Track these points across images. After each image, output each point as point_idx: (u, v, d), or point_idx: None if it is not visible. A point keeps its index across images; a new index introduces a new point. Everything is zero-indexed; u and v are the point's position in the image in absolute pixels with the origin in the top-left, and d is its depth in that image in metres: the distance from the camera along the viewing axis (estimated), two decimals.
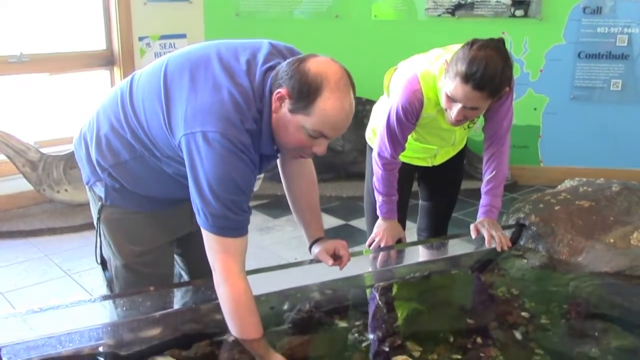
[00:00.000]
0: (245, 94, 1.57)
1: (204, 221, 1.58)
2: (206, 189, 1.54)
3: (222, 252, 1.59)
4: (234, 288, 1.59)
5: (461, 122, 2.06)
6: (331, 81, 1.51)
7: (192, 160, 1.55)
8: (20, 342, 1.64)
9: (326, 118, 1.53)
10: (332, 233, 3.97)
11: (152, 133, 1.67)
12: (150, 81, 1.68)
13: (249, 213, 1.63)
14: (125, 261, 1.89)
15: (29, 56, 4.21)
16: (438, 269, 2.27)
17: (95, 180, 1.84)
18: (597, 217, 2.24)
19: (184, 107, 1.57)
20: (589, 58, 4.81)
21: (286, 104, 1.54)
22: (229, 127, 1.52)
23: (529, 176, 5.00)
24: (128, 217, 1.86)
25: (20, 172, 4.10)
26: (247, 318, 1.61)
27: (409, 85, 2.14)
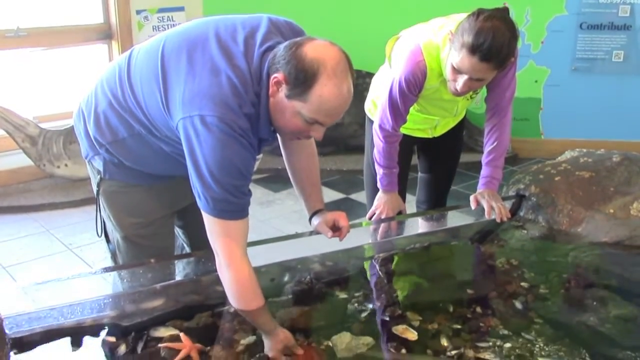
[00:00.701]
0: (243, 77, 1.55)
1: (204, 205, 1.58)
2: (206, 173, 1.53)
3: (224, 235, 1.59)
4: (239, 272, 1.59)
5: (465, 93, 2.05)
6: (328, 67, 1.48)
7: (191, 144, 1.54)
8: (23, 313, 1.65)
9: (322, 105, 1.50)
10: (333, 206, 3.95)
11: (151, 113, 1.66)
12: (148, 61, 1.66)
13: (249, 196, 1.62)
14: (125, 233, 1.89)
15: (26, 30, 4.17)
16: (438, 240, 2.27)
17: (93, 155, 1.84)
18: (597, 188, 2.24)
19: (181, 90, 1.56)
20: (591, 29, 4.76)
21: (283, 89, 1.52)
22: (227, 112, 1.51)
23: (529, 149, 4.98)
24: (127, 190, 1.86)
25: (19, 147, 4.09)
26: (253, 301, 1.60)
27: (411, 57, 2.11)
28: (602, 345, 1.65)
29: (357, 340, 1.63)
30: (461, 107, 2.34)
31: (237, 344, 1.62)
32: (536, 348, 1.63)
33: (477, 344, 1.64)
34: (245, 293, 1.60)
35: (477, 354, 1.60)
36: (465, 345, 1.63)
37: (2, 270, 3.26)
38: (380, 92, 2.33)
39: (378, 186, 2.38)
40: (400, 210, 2.40)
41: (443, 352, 1.61)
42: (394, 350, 1.63)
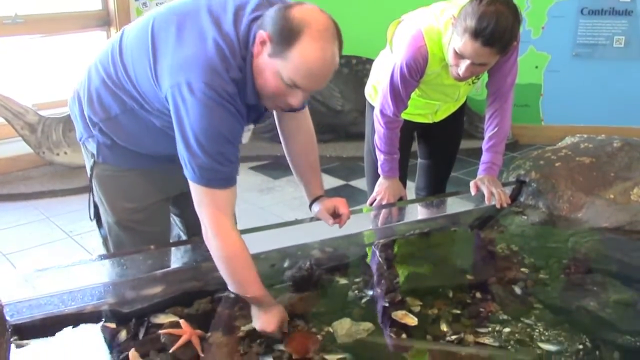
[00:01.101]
0: (231, 42, 1.53)
1: (191, 174, 1.57)
2: (193, 141, 1.52)
3: (211, 204, 1.57)
4: (228, 243, 1.58)
5: (467, 78, 2.04)
6: (313, 28, 1.46)
7: (178, 112, 1.53)
8: (23, 300, 1.65)
9: (302, 65, 1.47)
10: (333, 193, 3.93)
11: (141, 86, 1.65)
12: (139, 35, 1.66)
13: (237, 164, 1.60)
14: (118, 218, 1.89)
15: (23, 17, 4.16)
16: (438, 226, 2.27)
17: (87, 137, 1.84)
18: (598, 173, 2.23)
19: (169, 58, 1.55)
20: (592, 14, 4.74)
21: (267, 47, 1.50)
22: (214, 77, 1.50)
23: (529, 135, 4.98)
24: (120, 175, 1.86)
25: (19, 135, 4.09)
26: (246, 272, 1.60)
27: (413, 42, 2.10)
28: (602, 330, 1.65)
29: (357, 326, 1.63)
30: (463, 92, 2.33)
31: (237, 330, 1.62)
32: (536, 333, 1.63)
33: (476, 329, 1.65)
34: (236, 261, 1.59)
35: (477, 339, 1.61)
36: (465, 331, 1.63)
37: (2, 257, 3.27)
38: (381, 77, 2.32)
39: (379, 172, 2.38)
40: (401, 196, 2.40)
41: (443, 337, 1.61)
42: (394, 335, 1.63)
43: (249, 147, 4.84)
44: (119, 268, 1.83)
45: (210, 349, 1.55)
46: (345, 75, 4.82)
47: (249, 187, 4.22)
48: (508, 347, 1.58)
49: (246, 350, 1.55)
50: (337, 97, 4.81)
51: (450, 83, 2.18)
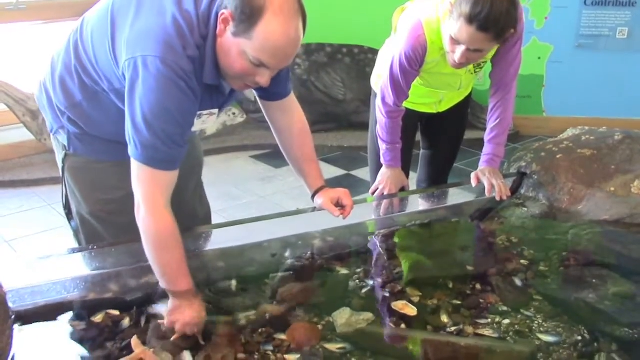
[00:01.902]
0: (190, 19, 1.50)
1: (133, 150, 1.53)
2: (139, 115, 1.49)
3: (149, 183, 1.53)
4: (161, 221, 1.53)
5: (464, 64, 2.04)
6: (275, 3, 1.43)
7: (131, 85, 1.50)
8: (26, 287, 1.66)
9: (267, 43, 1.45)
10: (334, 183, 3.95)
11: (100, 66, 1.63)
12: (99, 16, 1.64)
13: (183, 147, 1.57)
14: (91, 209, 1.86)
15: (25, 3, 4.15)
16: (438, 217, 2.28)
17: (58, 128, 1.81)
18: (599, 166, 2.23)
19: (127, 32, 1.53)
20: (596, 5, 4.72)
21: (230, 26, 1.47)
22: (169, 52, 1.46)
23: (531, 126, 4.97)
24: (92, 167, 1.83)
25: (20, 121, 4.09)
26: (175, 249, 1.56)
27: (412, 32, 2.11)
28: (600, 322, 1.66)
29: (357, 316, 1.64)
30: (465, 82, 2.32)
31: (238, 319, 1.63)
32: (535, 325, 1.64)
33: (476, 320, 1.66)
34: (165, 242, 1.54)
35: (477, 330, 1.62)
36: (464, 322, 1.64)
37: (4, 243, 3.28)
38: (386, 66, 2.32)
39: (381, 161, 2.38)
40: (403, 186, 2.41)
41: (443, 328, 1.62)
42: (394, 325, 1.64)
43: (249, 136, 4.84)
44: (121, 256, 1.84)
45: (212, 338, 1.56)
46: (348, 65, 4.82)
47: (249, 176, 4.23)
48: (507, 338, 1.59)
49: (247, 339, 1.56)
50: (339, 86, 4.80)
51: (450, 72, 2.17)
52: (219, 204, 3.72)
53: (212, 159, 4.45)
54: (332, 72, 4.83)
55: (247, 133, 4.89)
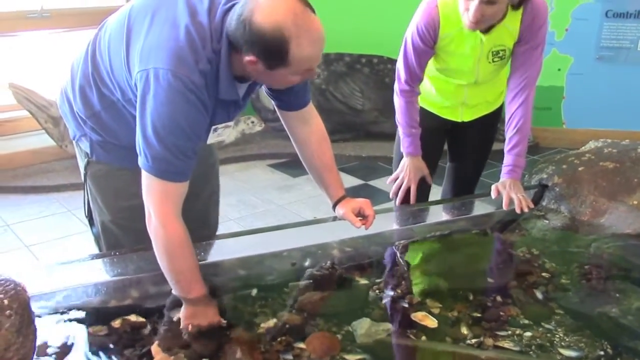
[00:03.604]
0: (203, 32, 1.52)
1: (144, 162, 1.56)
2: (150, 129, 1.51)
3: (160, 194, 1.56)
4: (172, 230, 1.57)
5: (479, 24, 2.02)
6: (290, 26, 1.43)
7: (142, 97, 1.52)
8: (49, 292, 1.68)
9: (305, 59, 1.50)
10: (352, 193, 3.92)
11: (115, 75, 1.65)
12: (117, 27, 1.66)
13: (193, 159, 1.59)
14: (113, 217, 1.88)
15: (49, 11, 4.21)
16: (459, 228, 2.27)
17: (80, 135, 1.84)
18: (621, 179, 2.22)
19: (140, 44, 1.55)
20: (617, 17, 4.69)
21: (260, 66, 1.51)
22: (181, 65, 1.48)
23: (551, 138, 4.94)
24: (114, 174, 1.85)
25: (42, 127, 4.14)
26: (187, 258, 1.60)
27: (426, 5, 2.16)
28: (623, 337, 1.64)
29: (377, 326, 1.64)
30: (483, 72, 2.26)
31: (258, 327, 1.63)
32: (556, 338, 1.62)
33: (496, 332, 1.64)
34: (178, 251, 1.58)
35: (497, 343, 1.60)
36: (485, 334, 1.63)
37: (24, 248, 3.32)
38: None
39: (402, 151, 2.40)
40: (424, 174, 2.41)
41: (462, 340, 1.61)
42: (414, 337, 1.63)
43: (267, 144, 4.86)
44: (142, 263, 1.85)
45: (231, 345, 1.56)
46: (367, 75, 4.82)
47: (267, 184, 4.24)
48: (529, 351, 1.58)
49: (267, 348, 1.56)
50: (358, 96, 4.81)
51: (466, 53, 2.18)
52: (237, 212, 3.74)
53: (230, 167, 4.48)
54: (350, 81, 4.84)
55: (265, 142, 4.91)
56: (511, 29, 2.14)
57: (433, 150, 2.46)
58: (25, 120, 4.19)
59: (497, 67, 2.27)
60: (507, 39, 2.16)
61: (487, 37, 2.13)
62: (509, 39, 2.16)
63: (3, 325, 1.29)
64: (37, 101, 4.07)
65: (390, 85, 2.55)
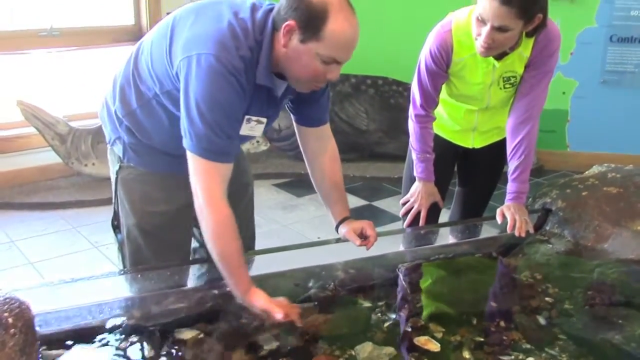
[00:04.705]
0: (245, 25, 1.63)
1: (189, 142, 1.63)
2: (193, 107, 1.60)
3: (206, 175, 1.63)
4: (218, 212, 1.63)
5: (491, 50, 2.03)
6: (335, 3, 1.56)
7: (186, 82, 1.62)
8: (52, 311, 1.68)
9: (338, 39, 1.57)
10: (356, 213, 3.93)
11: (154, 66, 1.74)
12: (160, 30, 1.77)
13: (235, 140, 1.68)
14: (138, 221, 1.92)
15: (59, 30, 4.26)
16: (462, 252, 2.27)
17: (115, 138, 1.91)
18: (625, 204, 2.22)
19: (184, 36, 1.65)
20: (621, 42, 4.72)
21: (296, 35, 1.59)
22: (222, 50, 1.58)
23: (555, 161, 4.95)
24: (143, 178, 1.91)
25: (49, 144, 4.17)
26: (231, 242, 1.65)
27: (440, 29, 2.17)
28: None
29: (380, 350, 1.64)
30: (494, 97, 2.27)
31: (260, 349, 1.63)
32: None
33: (499, 357, 1.63)
34: (225, 233, 1.64)
35: None
36: (487, 358, 1.62)
37: (29, 265, 3.33)
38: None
39: (414, 174, 2.40)
40: (436, 200, 2.42)
41: None
42: None
43: (272, 164, 4.88)
44: (146, 282, 1.86)
45: None
46: (372, 96, 4.85)
47: (272, 204, 4.25)
48: None
49: None
50: (363, 117, 4.83)
51: (478, 81, 2.19)
52: None
53: None
54: (356, 102, 4.86)
55: (270, 161, 4.92)
56: (524, 55, 2.15)
57: (444, 175, 2.46)
58: (33, 137, 4.21)
59: (508, 93, 2.27)
60: (518, 66, 2.17)
61: (500, 63, 2.14)
62: (520, 66, 2.17)
63: (7, 344, 1.30)
64: (44, 118, 4.10)
65: (395, 106, 2.58)
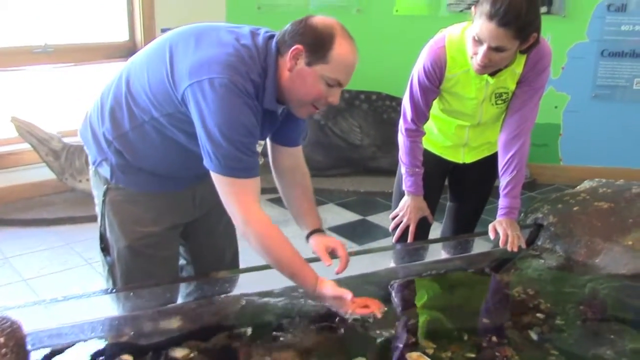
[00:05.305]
0: (250, 52, 1.66)
1: (216, 165, 1.65)
2: (216, 131, 1.60)
3: (238, 193, 1.66)
4: (261, 226, 1.68)
5: (487, 68, 2.05)
6: (339, 30, 1.65)
7: (199, 107, 1.62)
8: (44, 329, 1.68)
9: (343, 62, 1.65)
10: (349, 228, 3.98)
11: (153, 90, 1.72)
12: (155, 51, 1.76)
13: (258, 155, 1.71)
14: (129, 242, 1.91)
15: (53, 47, 4.27)
16: (454, 267, 2.27)
17: (101, 160, 1.88)
18: (616, 219, 2.23)
19: (189, 60, 1.65)
20: (612, 56, 4.76)
21: (302, 58, 1.64)
22: (235, 74, 1.61)
23: (548, 175, 4.97)
24: (133, 198, 1.89)
25: (43, 160, 4.17)
26: (283, 248, 1.71)
27: (434, 45, 2.19)
28: None
29: None
30: (486, 114, 2.29)
31: None
32: None
33: None
34: (274, 242, 1.70)
35: None
36: None
37: (23, 282, 3.31)
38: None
39: (403, 188, 2.41)
40: (425, 215, 2.43)
41: None
42: None
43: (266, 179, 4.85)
44: (138, 300, 1.86)
45: None
46: (365, 111, 4.87)
47: None
48: None
49: None
50: (357, 131, 4.85)
51: (470, 96, 2.21)
52: None
53: None
54: (349, 117, 4.88)
55: (265, 176, 4.87)
56: (517, 72, 2.17)
57: (434, 190, 2.48)
58: (26, 153, 4.21)
59: (500, 109, 2.29)
60: (510, 82, 2.19)
61: (493, 79, 2.16)
62: (512, 82, 2.20)
63: None
64: (38, 134, 4.10)
65: (388, 121, 2.59)
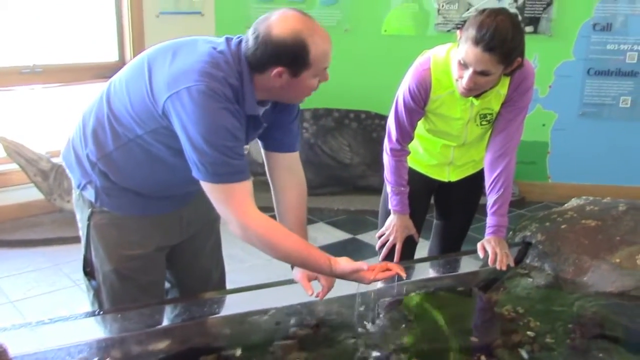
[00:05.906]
0: (225, 57, 1.66)
1: (204, 173, 1.63)
2: (199, 139, 1.58)
3: (231, 198, 1.64)
4: (260, 225, 1.66)
5: (472, 91, 2.07)
6: (304, 29, 1.62)
7: (180, 118, 1.60)
8: (31, 353, 1.66)
9: (322, 55, 1.65)
10: (340, 246, 3.98)
11: (135, 108, 1.71)
12: (134, 69, 1.75)
13: (245, 158, 1.69)
14: (115, 266, 1.89)
15: (42, 67, 4.27)
16: (443, 286, 2.27)
17: (85, 183, 1.86)
18: (603, 237, 2.24)
19: (166, 73, 1.64)
20: (599, 75, 4.82)
21: (286, 74, 1.64)
22: (212, 81, 1.59)
23: (537, 192, 4.99)
24: (118, 223, 1.87)
25: (31, 181, 4.14)
26: (287, 239, 1.70)
27: (419, 67, 2.20)
28: None
29: None
30: (470, 134, 2.31)
31: None
32: None
33: None
34: (276, 238, 1.68)
35: None
36: None
37: (9, 304, 3.28)
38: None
39: (389, 207, 2.41)
40: (411, 233, 2.43)
41: None
42: None
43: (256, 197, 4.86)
44: (125, 322, 1.84)
45: None
46: (354, 130, 4.89)
47: None
48: None
49: None
50: (346, 150, 4.86)
51: (455, 116, 2.22)
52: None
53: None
54: (339, 136, 4.90)
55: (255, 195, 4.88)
56: (501, 93, 2.19)
57: (420, 209, 2.49)
58: (14, 173, 4.19)
59: (484, 129, 2.31)
60: (495, 103, 2.21)
61: (478, 101, 2.18)
62: (497, 103, 2.22)
63: None
64: (26, 155, 4.09)
65: (378, 140, 2.60)
